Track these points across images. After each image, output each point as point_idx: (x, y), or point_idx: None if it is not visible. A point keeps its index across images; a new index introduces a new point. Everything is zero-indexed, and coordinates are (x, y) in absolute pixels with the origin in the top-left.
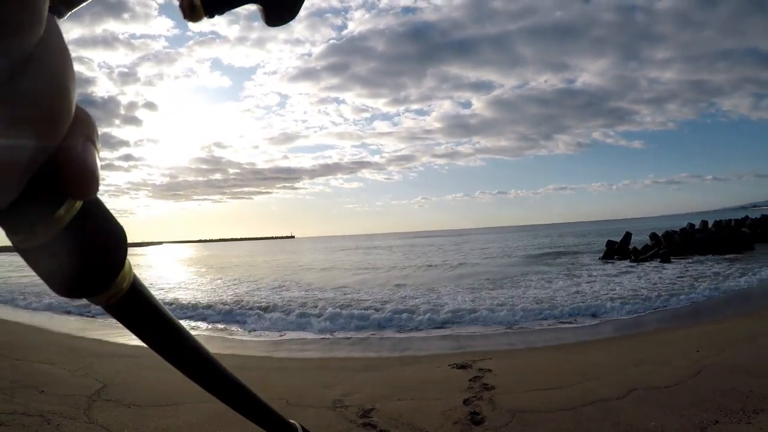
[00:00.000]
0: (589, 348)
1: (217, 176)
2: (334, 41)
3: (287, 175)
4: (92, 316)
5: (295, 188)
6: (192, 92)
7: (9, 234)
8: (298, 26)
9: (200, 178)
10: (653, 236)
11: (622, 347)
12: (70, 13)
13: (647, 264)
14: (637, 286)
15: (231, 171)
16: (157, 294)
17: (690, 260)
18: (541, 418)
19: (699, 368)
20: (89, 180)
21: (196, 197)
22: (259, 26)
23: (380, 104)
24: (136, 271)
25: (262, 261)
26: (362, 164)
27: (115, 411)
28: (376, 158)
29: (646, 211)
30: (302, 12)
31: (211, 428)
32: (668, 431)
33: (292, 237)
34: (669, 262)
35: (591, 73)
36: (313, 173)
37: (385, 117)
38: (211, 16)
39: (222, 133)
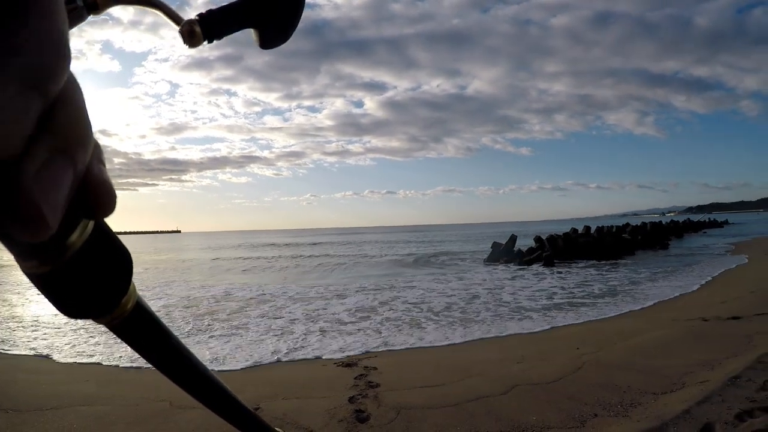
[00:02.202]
0: (473, 346)
1: None
2: None
3: (174, 167)
4: None
5: (182, 181)
6: (79, 75)
7: (19, 260)
8: (193, 14)
9: None
10: (537, 239)
11: (505, 346)
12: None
13: (533, 267)
14: (534, 290)
15: (116, 161)
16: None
17: (579, 264)
18: (425, 414)
19: (579, 365)
20: (112, 199)
21: None
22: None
23: (272, 99)
24: None
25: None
26: (251, 159)
27: None
28: (266, 153)
29: (532, 215)
30: (198, 0)
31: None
32: (549, 424)
33: (179, 232)
34: (552, 265)
35: (483, 80)
36: (201, 166)
37: (277, 112)
38: (210, 41)
39: (108, 120)
